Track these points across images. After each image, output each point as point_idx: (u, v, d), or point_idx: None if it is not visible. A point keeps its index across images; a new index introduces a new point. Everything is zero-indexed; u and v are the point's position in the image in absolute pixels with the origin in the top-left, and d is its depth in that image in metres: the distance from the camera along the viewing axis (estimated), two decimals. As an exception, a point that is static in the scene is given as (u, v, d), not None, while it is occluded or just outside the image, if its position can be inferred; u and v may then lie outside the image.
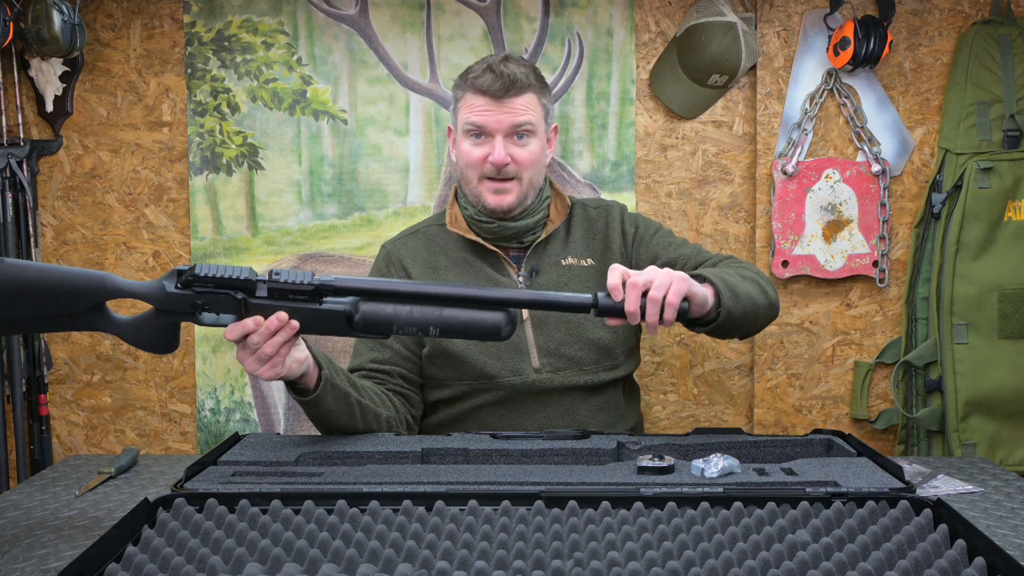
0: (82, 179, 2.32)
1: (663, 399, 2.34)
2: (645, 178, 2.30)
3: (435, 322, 1.21)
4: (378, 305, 1.21)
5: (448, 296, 1.21)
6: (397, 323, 1.21)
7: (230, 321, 1.22)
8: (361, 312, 1.21)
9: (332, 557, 0.96)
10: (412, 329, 1.21)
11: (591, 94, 2.29)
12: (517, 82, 1.62)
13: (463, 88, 1.67)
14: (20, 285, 1.16)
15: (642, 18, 2.28)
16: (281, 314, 1.20)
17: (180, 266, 1.21)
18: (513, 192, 1.64)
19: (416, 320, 1.21)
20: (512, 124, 1.62)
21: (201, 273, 1.19)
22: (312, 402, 1.36)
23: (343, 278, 1.21)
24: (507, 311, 1.23)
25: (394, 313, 1.21)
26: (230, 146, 2.30)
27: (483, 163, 1.63)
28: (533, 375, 1.63)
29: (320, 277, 1.21)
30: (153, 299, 1.21)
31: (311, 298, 1.21)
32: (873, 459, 1.24)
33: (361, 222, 2.32)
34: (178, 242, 2.33)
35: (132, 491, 1.38)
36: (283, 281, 1.20)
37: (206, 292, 1.20)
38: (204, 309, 1.21)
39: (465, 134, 1.65)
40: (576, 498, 1.08)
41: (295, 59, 2.28)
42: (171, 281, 1.20)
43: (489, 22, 2.28)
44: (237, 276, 1.20)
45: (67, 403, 2.36)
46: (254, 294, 1.21)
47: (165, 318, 1.22)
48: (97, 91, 2.30)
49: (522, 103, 1.63)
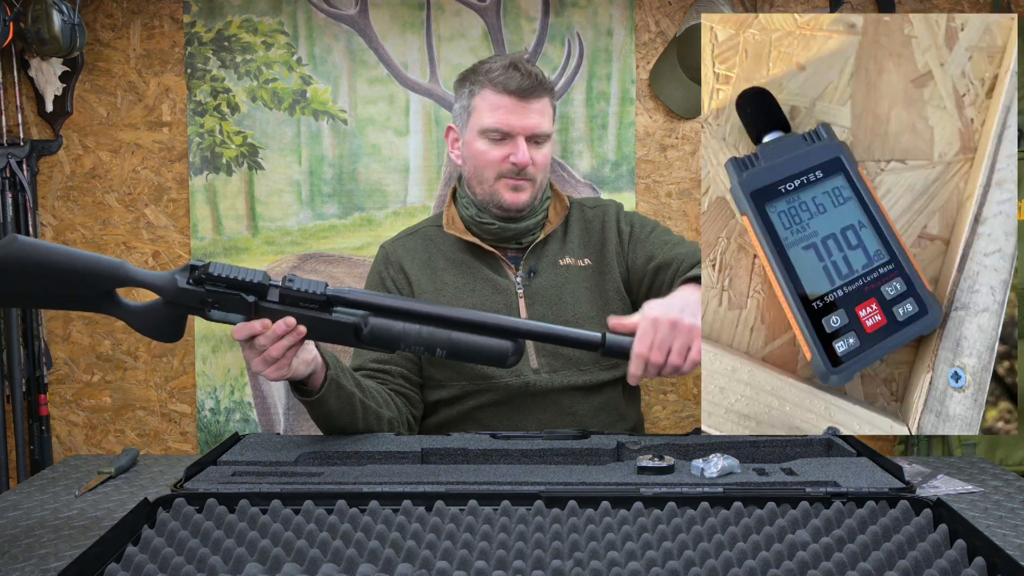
0: (82, 179, 2.32)
1: (663, 399, 2.34)
2: (645, 178, 2.30)
3: (443, 344, 1.22)
4: (388, 322, 1.22)
5: (459, 320, 1.22)
6: (405, 341, 1.22)
7: (238, 320, 1.22)
8: (370, 326, 1.22)
9: (332, 557, 0.96)
10: (419, 348, 1.22)
11: (591, 94, 2.29)
12: (542, 82, 1.62)
13: (480, 84, 1.63)
14: (39, 263, 1.16)
15: (642, 18, 2.28)
16: (289, 319, 1.21)
17: (194, 261, 1.22)
18: (528, 190, 1.64)
19: (424, 340, 1.22)
20: (534, 128, 1.62)
21: (214, 272, 1.19)
22: (316, 402, 1.36)
23: (356, 291, 1.22)
24: (515, 341, 1.24)
25: (403, 331, 1.22)
26: (230, 146, 2.30)
27: (502, 163, 1.62)
28: (532, 375, 1.63)
29: (333, 288, 1.22)
30: (164, 291, 1.21)
31: (322, 308, 1.22)
32: (873, 459, 1.24)
33: (361, 222, 2.33)
34: (178, 242, 2.33)
35: (132, 491, 1.38)
36: (296, 289, 1.21)
37: (217, 291, 1.20)
38: (214, 306, 1.21)
39: (482, 134, 1.64)
40: (576, 498, 1.08)
41: (295, 59, 2.29)
42: (184, 275, 1.21)
43: (489, 22, 2.29)
44: (250, 279, 1.20)
45: (67, 403, 2.36)
46: (265, 298, 1.21)
47: (174, 310, 1.23)
48: (97, 91, 2.31)
49: (541, 106, 1.63)
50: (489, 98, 1.62)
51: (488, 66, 1.64)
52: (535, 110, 1.62)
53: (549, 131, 1.65)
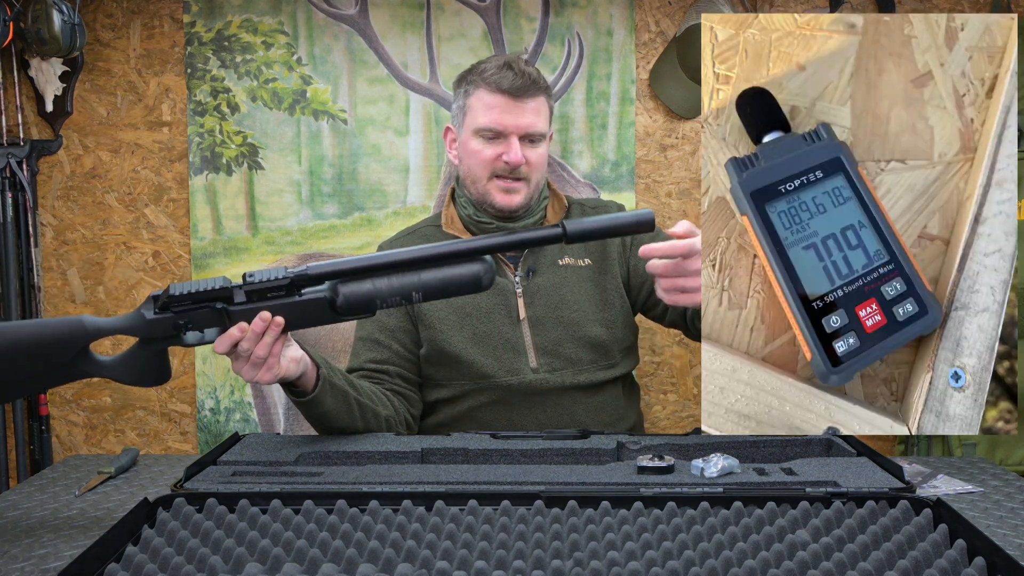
0: (82, 179, 2.32)
1: (663, 399, 2.34)
2: (645, 178, 2.30)
3: (416, 287, 1.20)
4: (357, 284, 1.20)
5: (422, 258, 1.20)
6: (379, 297, 1.20)
7: (215, 335, 1.21)
8: (342, 295, 1.21)
9: (332, 557, 0.96)
10: (395, 299, 1.20)
11: (591, 94, 2.29)
12: (536, 82, 1.62)
13: (474, 84, 1.64)
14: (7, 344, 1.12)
15: (642, 18, 2.28)
16: (264, 314, 1.20)
17: (154, 292, 1.21)
18: (521, 192, 1.64)
19: (397, 289, 1.20)
20: (528, 128, 1.62)
21: (176, 292, 1.18)
22: (311, 402, 1.36)
23: (315, 264, 1.20)
24: (483, 260, 1.21)
25: (374, 288, 1.20)
26: (230, 146, 2.30)
27: (495, 162, 1.62)
28: (531, 375, 1.63)
29: (293, 269, 1.20)
30: (134, 330, 1.19)
31: (289, 292, 1.21)
32: (873, 459, 1.24)
33: (361, 222, 2.33)
34: (178, 242, 2.33)
35: (132, 491, 1.38)
36: (258, 281, 1.20)
37: (185, 310, 1.19)
38: (188, 328, 1.20)
39: (476, 133, 1.64)
40: (576, 498, 1.08)
41: (295, 59, 2.29)
42: (148, 309, 1.20)
43: (489, 22, 2.29)
44: (212, 287, 1.19)
45: (67, 403, 2.36)
46: (232, 301, 1.21)
47: (151, 347, 1.22)
48: (97, 91, 2.31)
49: (536, 105, 1.63)
50: (483, 98, 1.63)
51: (483, 66, 1.65)
52: (529, 109, 1.62)
53: (544, 131, 1.65)
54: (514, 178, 1.63)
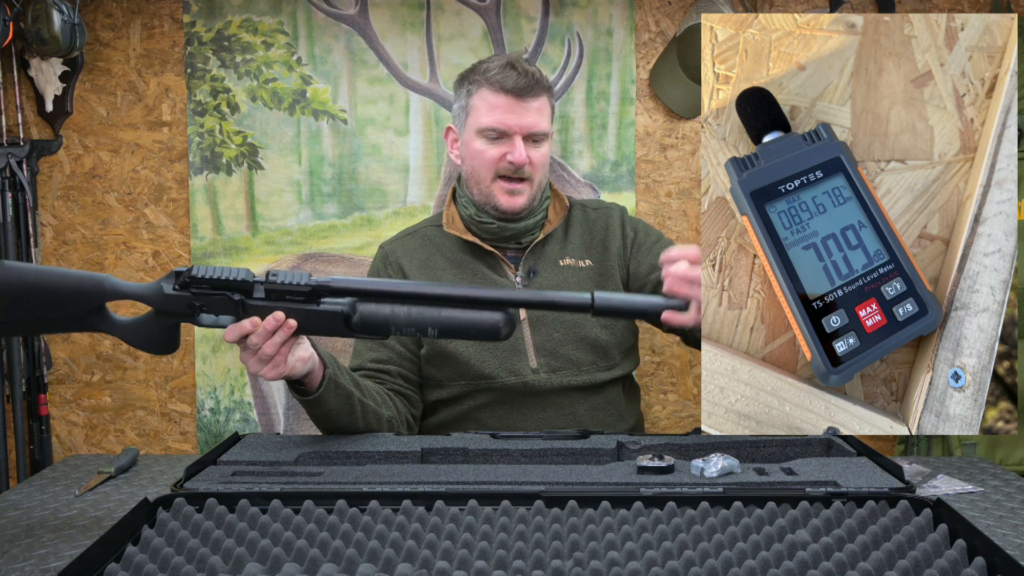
0: (82, 179, 2.32)
1: (663, 399, 2.34)
2: (645, 178, 2.30)
3: (433, 322, 1.21)
4: (376, 306, 1.21)
5: (446, 297, 1.21)
6: (395, 324, 1.21)
7: (229, 322, 1.22)
8: (359, 313, 1.21)
9: (332, 557, 0.96)
10: (410, 330, 1.21)
11: (591, 94, 2.29)
12: (539, 81, 1.62)
13: (477, 84, 1.64)
14: (20, 288, 1.16)
15: (642, 18, 2.28)
16: (278, 314, 1.20)
17: (179, 267, 1.22)
18: (525, 193, 1.64)
19: (414, 320, 1.21)
20: (531, 127, 1.62)
21: (198, 275, 1.19)
22: (314, 401, 1.36)
23: (340, 279, 1.21)
24: (506, 311, 1.22)
25: (392, 314, 1.21)
26: (230, 146, 2.30)
27: (499, 162, 1.62)
28: (531, 375, 1.63)
29: (317, 278, 1.21)
30: (151, 300, 1.21)
31: (308, 299, 1.21)
32: (873, 459, 1.24)
33: (361, 222, 2.33)
34: (178, 242, 2.33)
35: (132, 491, 1.38)
36: (280, 282, 1.20)
37: (203, 293, 1.20)
38: (202, 310, 1.21)
39: (479, 133, 1.64)
40: (576, 498, 1.08)
41: (295, 59, 2.28)
42: (169, 283, 1.21)
43: (489, 22, 2.28)
44: (234, 277, 1.20)
45: (67, 403, 2.36)
46: (251, 295, 1.21)
47: (164, 319, 1.23)
48: (97, 91, 2.31)
49: (539, 105, 1.63)
50: (486, 97, 1.62)
51: (485, 66, 1.64)
52: (532, 109, 1.62)
53: (547, 130, 1.65)
54: (518, 178, 1.63)
